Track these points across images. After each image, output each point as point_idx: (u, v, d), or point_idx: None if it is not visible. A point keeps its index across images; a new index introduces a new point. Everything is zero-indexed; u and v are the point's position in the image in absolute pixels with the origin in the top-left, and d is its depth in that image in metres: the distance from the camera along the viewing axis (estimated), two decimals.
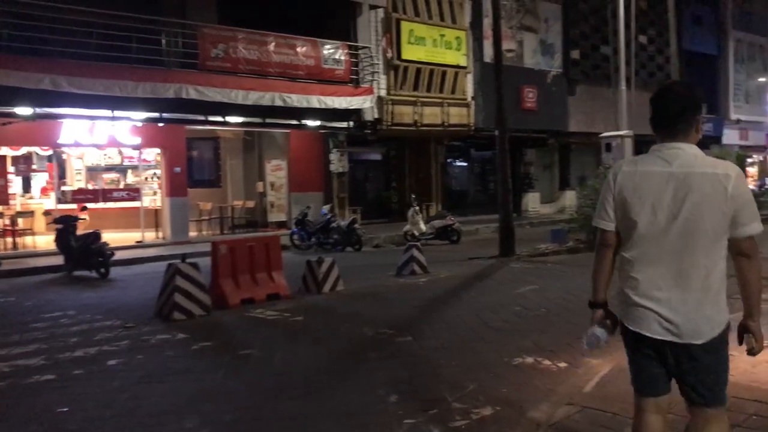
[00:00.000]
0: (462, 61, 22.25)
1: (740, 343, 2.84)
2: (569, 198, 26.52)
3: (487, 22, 22.37)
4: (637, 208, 2.80)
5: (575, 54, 26.49)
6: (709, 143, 32.46)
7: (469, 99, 22.58)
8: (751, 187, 31.87)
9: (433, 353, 6.38)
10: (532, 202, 25.79)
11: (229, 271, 9.20)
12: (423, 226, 17.33)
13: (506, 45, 19.20)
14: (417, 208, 17.66)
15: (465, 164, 26.76)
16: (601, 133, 21.79)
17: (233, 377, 5.85)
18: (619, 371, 5.25)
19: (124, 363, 6.39)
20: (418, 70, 21.12)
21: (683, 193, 2.72)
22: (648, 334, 2.80)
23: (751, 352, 2.82)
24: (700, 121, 2.83)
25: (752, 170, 35.48)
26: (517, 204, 23.18)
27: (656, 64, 29.59)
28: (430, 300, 9.17)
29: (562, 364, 5.86)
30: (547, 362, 5.95)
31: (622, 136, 17.34)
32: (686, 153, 2.77)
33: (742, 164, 31.48)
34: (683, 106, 2.79)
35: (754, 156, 36.31)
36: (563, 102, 26.11)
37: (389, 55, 20.40)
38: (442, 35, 21.66)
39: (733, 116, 34.41)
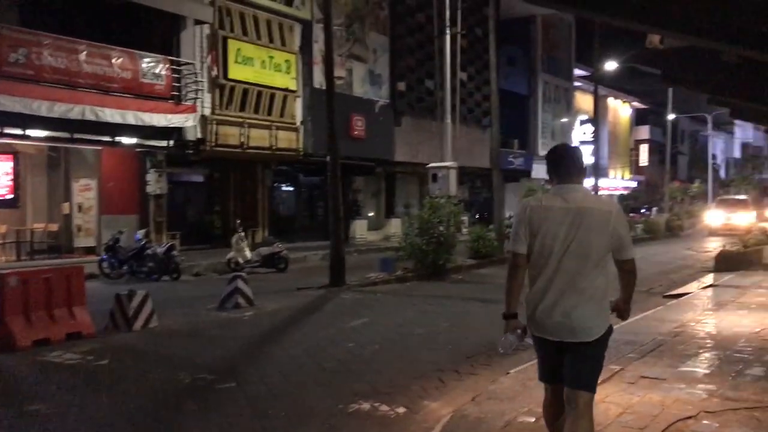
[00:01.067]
0: (291, 85, 21.85)
1: (613, 310, 3.59)
2: (395, 226, 26.90)
3: (317, 48, 22.22)
4: (542, 235, 3.47)
5: (401, 86, 27.11)
6: (520, 177, 34.77)
7: (298, 123, 22.17)
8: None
9: (261, 401, 5.74)
10: (359, 229, 25.81)
11: (19, 306, 7.91)
12: (248, 254, 16.52)
13: (336, 72, 18.96)
14: (242, 233, 16.82)
15: (293, 189, 26.25)
16: (425, 164, 22.40)
17: None
18: (461, 417, 4.96)
19: None
20: (246, 91, 20.37)
21: (577, 224, 3.43)
22: (552, 339, 3.48)
23: (620, 315, 3.64)
24: (585, 170, 3.74)
25: None
26: (346, 231, 22.99)
27: (474, 101, 31.15)
28: (256, 337, 8.48)
29: (401, 410, 5.47)
30: (384, 408, 5.53)
31: (447, 167, 17.85)
32: (579, 192, 3.54)
33: None
34: (579, 159, 3.65)
35: None
36: (390, 132, 26.54)
37: (214, 73, 19.49)
38: (271, 57, 21.12)
39: (541, 152, 37.03)
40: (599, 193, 36.59)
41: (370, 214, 27.87)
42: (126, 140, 17.19)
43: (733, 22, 4.84)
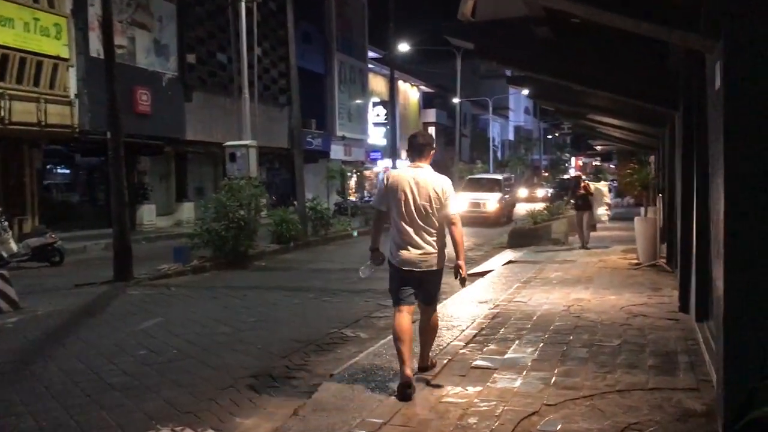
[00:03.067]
0: (62, 52, 19.28)
1: (456, 276, 4.94)
2: (187, 210, 25.18)
3: (93, 12, 19.84)
4: (398, 197, 4.89)
5: (191, 58, 25.25)
6: (318, 158, 34.36)
7: (72, 96, 19.68)
8: (352, 198, 34.44)
9: None
10: (147, 214, 23.62)
11: None
12: (14, 246, 14.16)
13: (117, 41, 16.87)
14: (5, 223, 14.36)
15: (68, 171, 23.42)
16: (220, 143, 21.04)
17: None
18: None
19: None
20: (5, 57, 17.57)
21: (421, 190, 4.87)
22: (409, 269, 4.90)
23: (462, 282, 5.01)
24: (432, 152, 5.09)
25: (351, 183, 37.98)
26: (132, 217, 20.96)
27: (271, 78, 30.07)
28: (21, 351, 6.96)
29: None
30: None
31: (246, 146, 16.75)
32: (424, 168, 5.00)
33: (344, 177, 33.85)
34: (426, 144, 5.09)
35: (366, 171, 39.35)
36: (180, 108, 24.66)
37: None
38: (37, 19, 18.43)
39: (339, 133, 37.00)
40: None
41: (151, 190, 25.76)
42: None
43: None
